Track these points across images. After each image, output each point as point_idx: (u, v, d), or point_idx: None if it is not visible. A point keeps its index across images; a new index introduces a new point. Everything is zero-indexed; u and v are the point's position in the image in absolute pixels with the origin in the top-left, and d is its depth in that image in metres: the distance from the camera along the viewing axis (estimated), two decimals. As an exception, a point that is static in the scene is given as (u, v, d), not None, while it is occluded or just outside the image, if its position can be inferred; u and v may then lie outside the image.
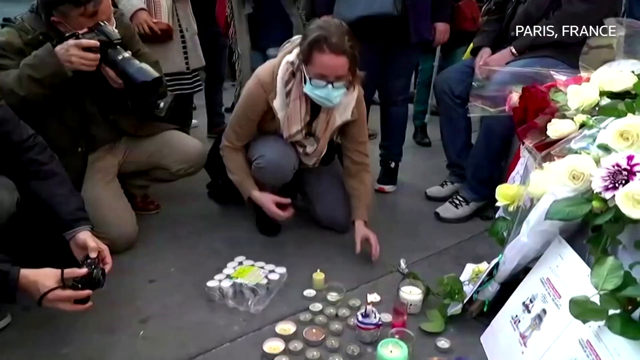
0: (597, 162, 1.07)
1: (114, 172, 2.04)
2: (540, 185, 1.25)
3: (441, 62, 3.45)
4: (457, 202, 2.24)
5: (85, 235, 1.44)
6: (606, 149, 1.10)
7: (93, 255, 1.39)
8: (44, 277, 1.25)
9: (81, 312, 1.36)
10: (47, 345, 1.39)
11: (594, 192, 1.02)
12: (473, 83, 1.91)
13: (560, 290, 1.18)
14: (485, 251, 1.86)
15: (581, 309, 0.98)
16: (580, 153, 1.13)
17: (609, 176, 0.99)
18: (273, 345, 1.37)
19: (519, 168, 1.75)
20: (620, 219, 1.01)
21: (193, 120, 3.13)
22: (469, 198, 2.23)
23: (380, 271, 1.81)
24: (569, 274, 1.17)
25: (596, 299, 0.95)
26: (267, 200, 1.93)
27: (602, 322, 0.98)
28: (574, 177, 1.09)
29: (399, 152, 2.62)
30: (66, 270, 1.29)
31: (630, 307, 0.93)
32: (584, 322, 0.99)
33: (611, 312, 0.93)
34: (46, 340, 1.41)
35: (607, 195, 0.99)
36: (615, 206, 0.99)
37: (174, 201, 2.42)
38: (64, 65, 1.58)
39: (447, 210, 2.25)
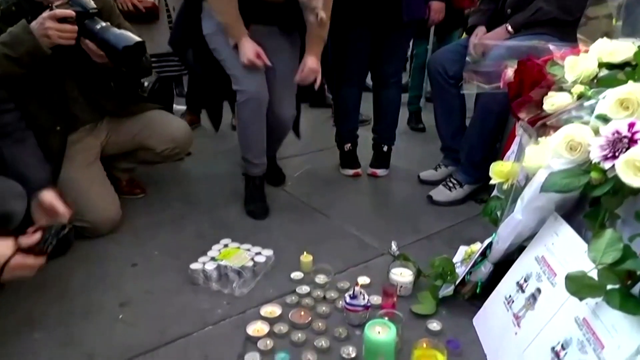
0: (596, 132, 1.01)
1: (96, 153, 1.97)
2: (536, 160, 1.20)
3: (435, 46, 3.38)
4: (451, 184, 2.19)
5: (51, 196, 1.39)
6: (605, 119, 1.04)
7: (64, 221, 1.35)
8: None
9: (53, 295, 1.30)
10: (17, 330, 1.33)
11: (593, 162, 0.96)
12: (467, 59, 1.85)
13: (555, 268, 1.13)
14: (479, 234, 1.79)
15: (578, 286, 0.92)
16: (577, 122, 1.07)
17: (608, 145, 0.94)
18: (257, 328, 1.32)
19: (514, 147, 1.70)
20: (619, 190, 0.95)
21: (179, 107, 3.03)
22: (463, 181, 2.17)
23: (371, 254, 1.75)
24: (564, 251, 1.12)
25: (594, 274, 0.90)
26: (251, 47, 1.83)
27: (599, 299, 0.93)
28: (571, 148, 1.03)
29: (391, 135, 2.55)
30: (21, 238, 1.19)
31: (629, 282, 0.88)
32: (581, 299, 0.93)
33: (609, 287, 0.88)
34: (17, 325, 1.35)
35: (606, 165, 0.93)
36: (615, 177, 0.93)
37: (160, 185, 2.36)
38: (40, 41, 1.50)
39: (440, 193, 2.19)
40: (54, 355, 1.26)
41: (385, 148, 2.54)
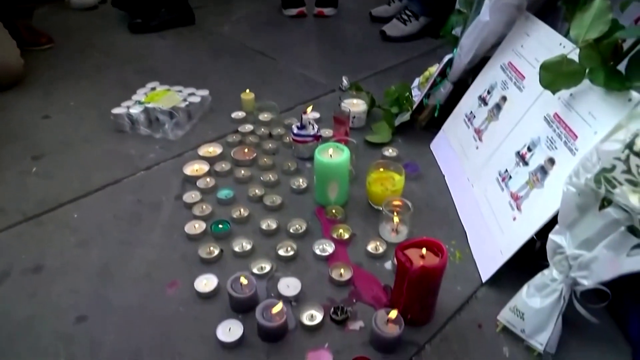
0: None
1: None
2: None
3: None
4: (406, 17, 1.97)
5: None
6: None
7: None
8: None
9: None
10: None
11: None
12: None
13: (524, 70, 1.01)
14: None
15: (553, 75, 0.80)
16: None
17: None
18: (196, 168, 1.18)
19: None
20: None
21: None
22: (418, 12, 1.96)
23: (320, 90, 1.59)
24: (536, 50, 0.99)
25: (574, 56, 0.77)
26: None
27: (574, 89, 0.82)
28: None
29: (339, -33, 2.23)
30: None
31: (611, 63, 0.77)
32: (555, 92, 0.82)
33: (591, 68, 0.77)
34: None
35: None
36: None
37: (71, 36, 2.01)
38: None
39: (394, 27, 1.98)
40: (-43, 214, 1.08)
41: (332, -17, 2.24)
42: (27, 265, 0.93)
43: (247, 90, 1.44)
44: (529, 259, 0.83)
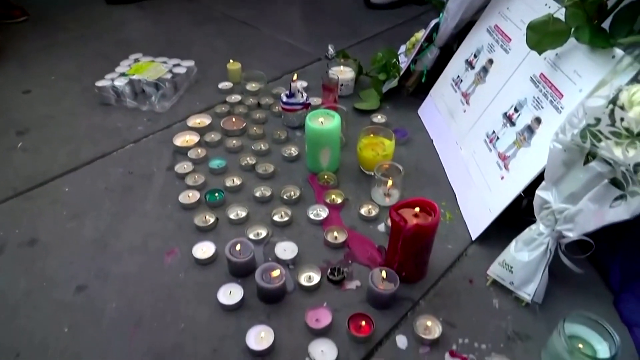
0: None
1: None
2: None
3: None
4: (390, -17, 1.95)
5: None
6: None
7: None
8: None
9: None
10: None
11: None
12: None
13: (510, 33, 1.02)
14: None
15: (540, 35, 0.81)
16: None
17: None
18: (186, 139, 1.17)
19: None
20: None
21: None
22: (402, -23, 1.94)
23: (306, 59, 1.58)
24: (522, 11, 1.00)
25: (560, 16, 0.79)
26: None
27: (559, 50, 0.84)
28: None
29: None
30: None
31: (596, 22, 0.78)
32: (541, 52, 0.84)
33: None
34: None
35: None
36: None
37: (46, 8, 1.94)
38: None
39: (378, -6, 1.97)
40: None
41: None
42: (22, 239, 0.93)
43: (231, 61, 1.43)
44: (516, 216, 0.86)
